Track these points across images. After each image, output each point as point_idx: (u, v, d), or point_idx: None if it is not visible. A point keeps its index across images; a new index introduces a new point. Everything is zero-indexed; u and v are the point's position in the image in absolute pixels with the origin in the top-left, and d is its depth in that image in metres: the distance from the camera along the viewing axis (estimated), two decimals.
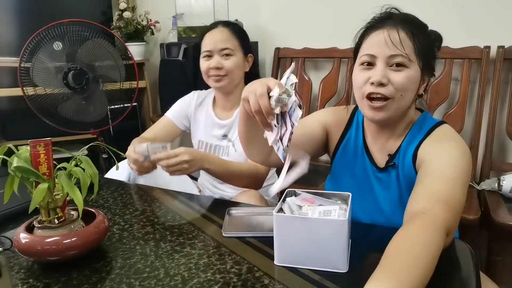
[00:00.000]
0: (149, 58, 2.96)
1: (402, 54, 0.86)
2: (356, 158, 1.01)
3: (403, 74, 0.87)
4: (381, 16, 0.93)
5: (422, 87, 0.92)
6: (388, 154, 0.96)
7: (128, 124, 2.67)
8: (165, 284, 0.73)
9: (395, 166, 0.94)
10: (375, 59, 0.89)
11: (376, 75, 0.87)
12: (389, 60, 0.87)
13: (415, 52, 0.87)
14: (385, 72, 0.87)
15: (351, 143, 1.03)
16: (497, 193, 1.66)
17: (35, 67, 1.87)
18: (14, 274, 0.78)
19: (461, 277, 0.75)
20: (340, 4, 2.22)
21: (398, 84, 0.87)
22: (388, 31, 0.88)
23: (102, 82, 2.03)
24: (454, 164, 0.83)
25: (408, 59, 0.87)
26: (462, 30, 1.94)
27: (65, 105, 1.95)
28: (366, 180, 0.99)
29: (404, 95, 0.88)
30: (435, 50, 0.94)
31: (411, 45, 0.87)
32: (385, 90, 0.87)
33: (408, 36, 0.87)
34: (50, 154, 0.80)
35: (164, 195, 1.19)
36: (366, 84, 0.89)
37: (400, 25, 0.88)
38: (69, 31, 1.90)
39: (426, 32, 0.92)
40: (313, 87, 2.29)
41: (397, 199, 0.94)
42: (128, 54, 2.17)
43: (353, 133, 1.03)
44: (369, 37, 0.91)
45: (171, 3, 2.62)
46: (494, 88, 1.85)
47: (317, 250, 0.75)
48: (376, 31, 0.90)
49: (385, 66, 0.88)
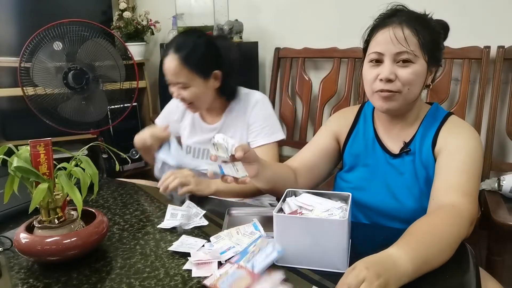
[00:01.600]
0: (149, 58, 2.96)
1: (407, 51, 0.91)
2: (367, 148, 1.06)
3: (409, 70, 0.92)
4: (387, 13, 0.97)
5: (429, 78, 0.98)
6: (404, 142, 1.01)
7: (128, 124, 2.67)
8: (165, 284, 0.73)
9: (411, 152, 0.99)
10: (383, 56, 0.93)
11: (384, 72, 0.92)
12: (396, 57, 0.92)
13: (420, 47, 0.92)
14: (393, 68, 0.92)
15: (360, 136, 1.08)
16: (497, 193, 1.66)
17: (35, 67, 1.87)
18: (14, 274, 0.78)
19: (461, 277, 0.75)
20: (340, 4, 2.22)
21: (405, 79, 0.92)
22: (393, 29, 0.92)
23: (102, 82, 2.03)
24: (474, 157, 0.92)
25: (413, 55, 0.91)
26: (462, 30, 1.93)
27: (65, 105, 1.95)
28: (378, 168, 1.03)
29: (411, 89, 0.93)
30: (440, 42, 0.99)
31: (416, 41, 0.92)
32: (393, 86, 0.92)
33: (412, 33, 0.92)
34: (50, 154, 0.80)
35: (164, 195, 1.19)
36: (375, 81, 0.95)
37: (404, 22, 0.92)
38: (69, 31, 1.89)
39: (430, 26, 0.96)
40: (313, 87, 2.29)
41: (410, 183, 0.99)
42: (128, 54, 2.17)
43: (361, 126, 1.09)
44: (376, 35, 0.96)
45: (171, 3, 2.62)
46: (494, 88, 1.85)
47: (317, 250, 0.75)
48: (382, 30, 0.94)
49: (392, 62, 0.92)
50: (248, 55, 2.41)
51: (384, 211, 1.00)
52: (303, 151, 1.14)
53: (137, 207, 1.10)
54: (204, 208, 1.04)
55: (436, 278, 0.73)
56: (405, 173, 1.00)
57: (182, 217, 0.98)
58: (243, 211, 1.03)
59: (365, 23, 1.01)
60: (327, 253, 0.75)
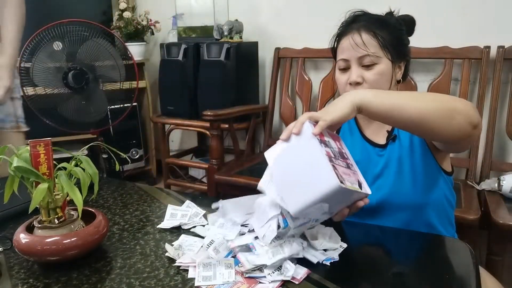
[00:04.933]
0: (149, 58, 2.96)
1: (368, 54, 0.97)
2: (355, 146, 1.08)
3: (374, 71, 0.98)
4: (347, 21, 1.04)
5: (398, 74, 1.04)
6: (387, 131, 1.05)
7: (128, 124, 2.67)
8: (165, 284, 0.73)
9: (396, 137, 1.02)
10: (349, 62, 1.00)
11: (352, 77, 0.99)
12: (360, 61, 0.99)
13: (381, 48, 0.98)
14: (359, 72, 0.99)
15: (347, 134, 1.11)
16: (497, 193, 1.66)
17: (35, 67, 1.87)
18: (14, 274, 0.78)
19: (461, 277, 0.75)
20: (340, 4, 2.22)
21: (372, 80, 0.98)
22: (352, 36, 0.99)
23: (102, 82, 2.03)
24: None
25: (375, 57, 0.97)
26: (462, 30, 1.94)
27: (65, 105, 1.95)
28: (369, 162, 1.05)
29: (379, 88, 0.98)
30: (403, 38, 1.04)
31: (376, 43, 0.98)
32: (362, 88, 0.99)
33: (371, 35, 0.98)
34: (50, 154, 0.80)
35: (164, 195, 1.19)
36: (346, 85, 1.01)
37: (362, 27, 0.99)
38: (69, 31, 1.90)
39: (390, 25, 1.01)
40: (313, 87, 2.29)
41: (398, 169, 1.00)
42: (128, 54, 2.17)
43: (346, 127, 1.12)
44: (340, 42, 1.03)
45: (171, 3, 2.62)
46: (494, 88, 1.85)
47: (308, 174, 0.72)
48: (344, 37, 1.02)
49: (358, 66, 0.99)
50: (248, 55, 2.42)
51: (383, 203, 1.00)
52: None
53: (137, 207, 1.10)
54: (204, 208, 1.04)
55: (436, 278, 0.73)
56: (392, 160, 1.01)
57: (182, 217, 0.98)
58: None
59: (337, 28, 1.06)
60: (316, 174, 0.70)
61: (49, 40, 1.88)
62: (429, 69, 2.02)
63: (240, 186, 1.90)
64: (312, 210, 0.72)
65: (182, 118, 2.53)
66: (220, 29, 2.37)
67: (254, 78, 2.52)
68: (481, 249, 1.61)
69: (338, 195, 0.70)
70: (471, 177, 1.87)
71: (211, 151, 2.09)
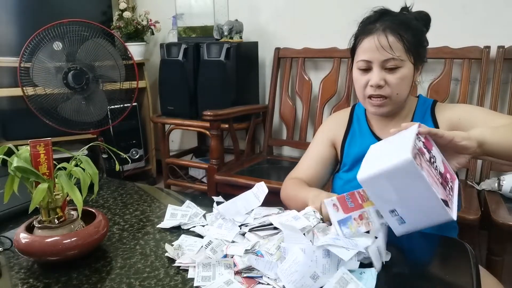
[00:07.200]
0: (149, 58, 2.96)
1: (394, 57, 0.94)
2: (364, 146, 1.05)
3: (397, 75, 0.96)
4: (370, 19, 0.99)
5: (417, 76, 1.02)
6: None
7: (128, 124, 2.67)
8: (165, 284, 0.73)
9: None
10: (371, 63, 0.97)
11: (374, 79, 0.96)
12: (384, 64, 0.96)
13: (406, 51, 0.95)
14: (381, 74, 0.96)
15: (356, 136, 1.11)
16: (497, 193, 1.66)
17: (35, 67, 1.87)
18: (14, 274, 0.78)
19: (461, 277, 0.75)
20: (340, 4, 2.22)
21: (394, 84, 0.96)
22: (378, 37, 0.95)
23: (102, 82, 2.03)
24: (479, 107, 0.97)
25: (400, 60, 0.95)
26: (462, 30, 1.94)
27: (65, 105, 1.95)
28: None
29: (400, 92, 0.98)
30: (423, 39, 1.01)
31: (401, 46, 0.95)
32: (383, 91, 0.97)
33: (397, 38, 0.94)
34: (50, 154, 0.80)
35: (164, 195, 1.19)
36: (367, 87, 0.99)
37: (388, 29, 0.95)
38: (69, 31, 1.89)
39: (413, 27, 0.97)
40: (313, 87, 2.29)
41: None
42: (128, 54, 2.17)
43: (356, 127, 1.12)
44: (362, 42, 0.98)
45: (171, 3, 2.62)
46: (494, 88, 1.85)
47: (408, 203, 0.71)
48: (368, 37, 0.97)
49: (381, 69, 0.96)
50: (248, 55, 2.42)
51: None
52: (304, 162, 1.15)
53: (137, 207, 1.10)
54: (204, 208, 1.04)
55: (436, 278, 0.72)
56: None
57: (182, 217, 0.98)
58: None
59: (357, 24, 1.03)
60: (419, 203, 0.70)
61: (49, 40, 1.87)
62: (429, 69, 2.02)
63: (240, 186, 1.89)
64: (379, 188, 0.72)
65: (182, 118, 2.53)
66: (220, 29, 2.37)
67: (254, 78, 2.52)
68: (481, 249, 1.61)
69: (406, 177, 0.69)
70: (471, 177, 1.87)
71: (211, 151, 2.09)
